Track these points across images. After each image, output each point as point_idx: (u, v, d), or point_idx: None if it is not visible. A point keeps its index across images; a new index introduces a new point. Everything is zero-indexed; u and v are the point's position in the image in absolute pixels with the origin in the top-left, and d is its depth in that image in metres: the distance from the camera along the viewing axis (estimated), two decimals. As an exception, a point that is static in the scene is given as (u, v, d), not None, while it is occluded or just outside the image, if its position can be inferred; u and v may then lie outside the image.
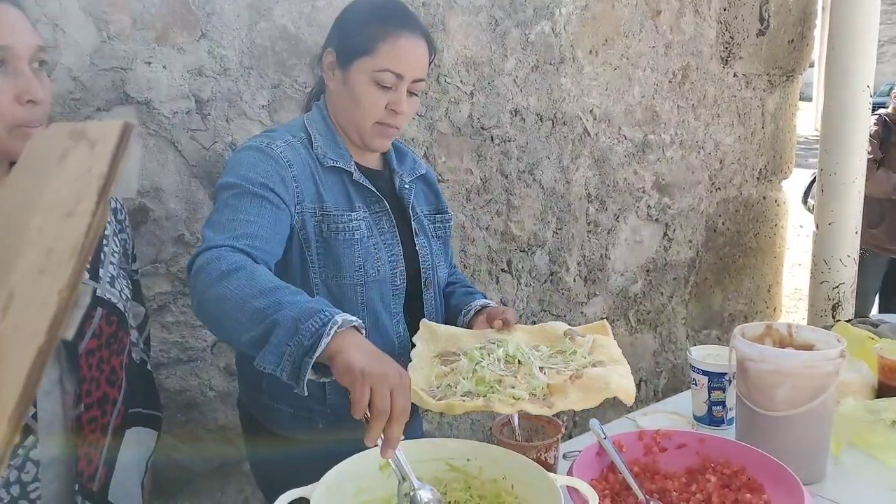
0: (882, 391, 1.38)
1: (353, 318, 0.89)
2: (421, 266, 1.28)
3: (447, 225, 1.36)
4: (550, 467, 1.06)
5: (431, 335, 1.19)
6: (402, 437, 0.84)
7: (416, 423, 1.42)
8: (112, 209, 1.12)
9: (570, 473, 0.99)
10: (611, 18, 2.43)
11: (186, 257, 1.70)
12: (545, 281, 2.44)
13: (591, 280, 2.56)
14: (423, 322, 1.22)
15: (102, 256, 1.04)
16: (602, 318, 1.32)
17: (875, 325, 1.73)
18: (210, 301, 0.95)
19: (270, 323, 0.88)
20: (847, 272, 2.86)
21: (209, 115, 1.68)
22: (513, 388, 1.01)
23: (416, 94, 1.23)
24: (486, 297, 1.38)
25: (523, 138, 2.30)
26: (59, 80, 1.45)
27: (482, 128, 2.20)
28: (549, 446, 1.06)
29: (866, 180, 2.85)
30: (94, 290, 1.00)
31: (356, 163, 1.25)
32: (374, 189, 1.23)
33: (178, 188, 1.67)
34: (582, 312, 2.54)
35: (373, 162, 1.31)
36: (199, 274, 0.97)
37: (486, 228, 2.27)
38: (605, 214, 2.55)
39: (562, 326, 1.22)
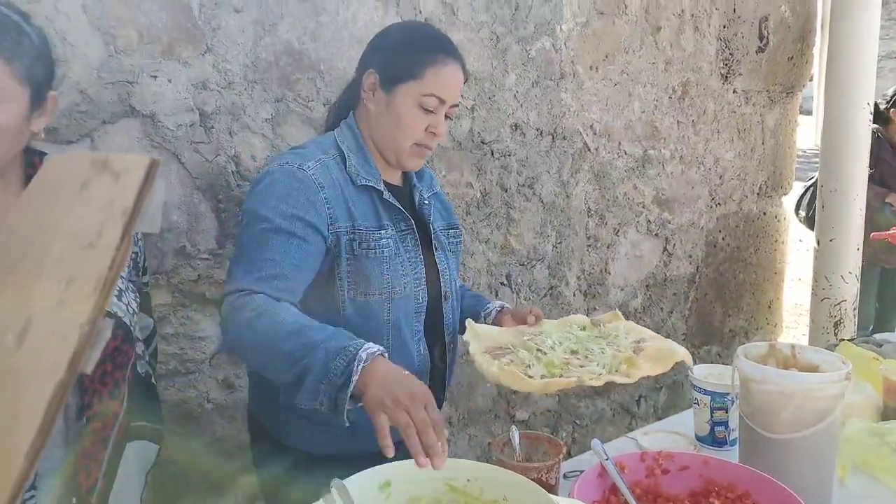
0: (887, 413, 1.36)
1: (377, 347, 0.98)
2: (441, 280, 1.32)
3: (459, 240, 1.41)
4: (551, 488, 1.05)
5: (475, 334, 1.25)
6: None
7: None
8: None
9: (571, 495, 0.98)
10: (611, 35, 2.45)
11: (188, 269, 1.70)
12: (545, 295, 2.44)
13: (591, 294, 2.56)
14: (468, 322, 1.29)
15: None
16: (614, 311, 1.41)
17: (879, 345, 1.72)
18: (242, 347, 1.06)
19: (302, 368, 0.97)
20: (849, 289, 2.86)
21: (213, 127, 1.68)
22: (582, 367, 1.10)
23: (450, 118, 1.29)
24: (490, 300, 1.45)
25: (523, 152, 2.30)
26: (67, 93, 1.45)
27: (482, 142, 2.21)
28: (550, 467, 1.05)
29: None
30: None
31: (383, 181, 1.28)
32: (402, 208, 1.27)
33: (181, 200, 1.67)
34: (582, 327, 2.54)
35: (395, 179, 1.34)
36: (228, 320, 1.06)
37: (486, 242, 2.27)
38: (604, 229, 2.56)
39: (583, 319, 1.31)
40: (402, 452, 1.14)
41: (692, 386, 1.39)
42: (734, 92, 2.89)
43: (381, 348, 0.99)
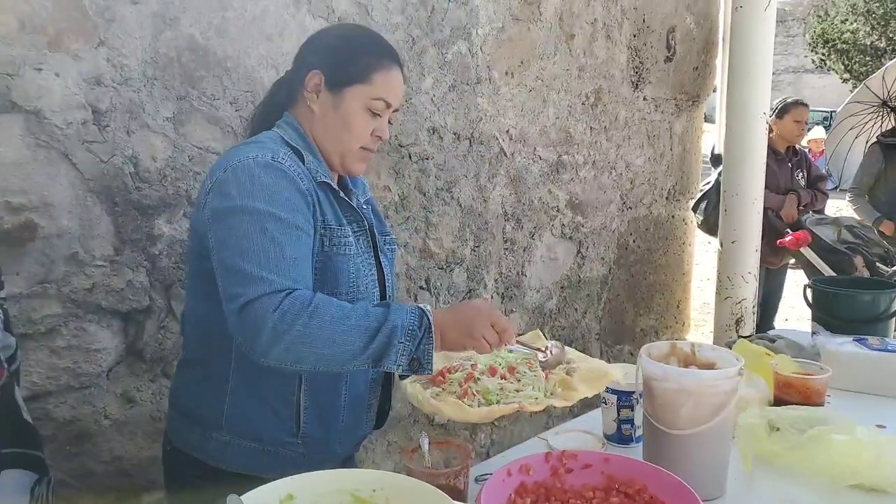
0: (777, 405, 1.44)
1: (426, 305, 1.11)
2: (385, 283, 1.31)
3: (393, 247, 1.39)
4: (460, 493, 1.05)
5: None
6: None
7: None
8: None
9: (477, 499, 0.98)
10: (526, 41, 2.49)
11: (81, 277, 1.59)
12: (463, 298, 2.44)
13: (508, 297, 2.59)
14: None
15: None
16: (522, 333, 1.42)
17: (772, 341, 1.81)
18: (311, 339, 1.03)
19: (389, 331, 1.05)
20: (749, 288, 3.02)
21: (108, 126, 1.58)
22: (518, 391, 1.13)
23: (391, 123, 1.28)
24: None
25: (441, 156, 2.30)
26: (-68, 86, 1.33)
27: (400, 145, 2.19)
28: (457, 472, 1.05)
29: None
30: None
31: None
32: (357, 208, 1.25)
33: (73, 203, 1.56)
34: (500, 329, 2.56)
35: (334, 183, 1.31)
36: (287, 319, 1.02)
37: (405, 246, 2.25)
38: (521, 232, 2.59)
39: None
40: (306, 465, 1.11)
41: (600, 385, 1.42)
42: (644, 99, 3.00)
43: (427, 306, 1.10)
